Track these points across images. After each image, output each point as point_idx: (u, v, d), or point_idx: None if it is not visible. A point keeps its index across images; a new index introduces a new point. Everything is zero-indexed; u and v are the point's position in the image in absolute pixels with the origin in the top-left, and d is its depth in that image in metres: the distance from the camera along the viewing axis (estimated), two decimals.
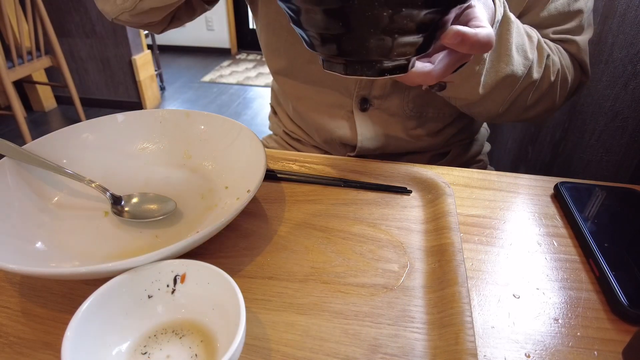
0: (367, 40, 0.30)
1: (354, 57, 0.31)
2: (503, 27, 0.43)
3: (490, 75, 0.45)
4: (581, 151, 0.77)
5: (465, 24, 0.35)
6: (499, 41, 0.44)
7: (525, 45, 0.46)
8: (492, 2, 0.41)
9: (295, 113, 0.67)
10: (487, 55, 0.43)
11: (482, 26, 0.35)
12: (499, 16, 0.42)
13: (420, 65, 0.38)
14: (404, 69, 0.33)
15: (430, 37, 0.31)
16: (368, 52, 0.30)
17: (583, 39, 0.54)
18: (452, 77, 0.43)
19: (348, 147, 0.64)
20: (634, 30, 0.64)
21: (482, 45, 0.34)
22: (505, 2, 0.44)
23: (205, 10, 0.61)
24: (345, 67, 0.32)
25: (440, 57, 0.38)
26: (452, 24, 0.34)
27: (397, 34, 0.29)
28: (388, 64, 0.32)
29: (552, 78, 0.50)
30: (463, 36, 0.33)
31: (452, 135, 0.64)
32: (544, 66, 0.49)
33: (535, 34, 0.49)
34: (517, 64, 0.46)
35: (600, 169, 0.72)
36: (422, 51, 0.32)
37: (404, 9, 0.27)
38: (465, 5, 0.32)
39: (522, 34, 0.46)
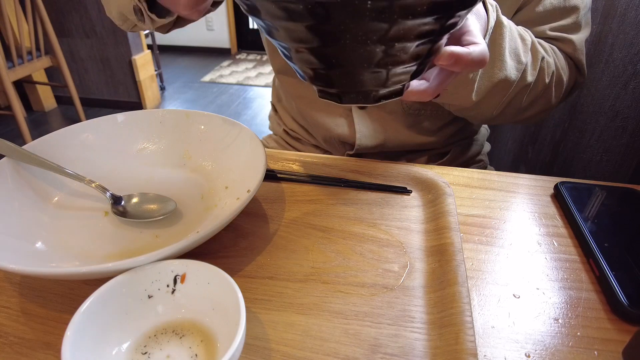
0: (361, 75, 0.29)
1: (349, 89, 0.31)
2: (496, 32, 0.43)
3: (483, 81, 0.45)
4: (581, 151, 0.77)
5: (459, 38, 0.36)
6: (492, 46, 0.44)
7: (519, 49, 0.46)
8: (484, 11, 0.41)
9: (296, 111, 0.68)
10: None
11: (476, 42, 0.35)
12: (491, 22, 0.42)
13: (416, 84, 0.38)
14: (399, 93, 0.33)
15: (424, 63, 0.31)
16: (362, 84, 0.30)
17: (579, 37, 0.54)
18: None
19: (347, 146, 0.64)
20: (634, 30, 0.64)
21: (477, 63, 0.34)
22: (498, 7, 0.44)
23: (209, 12, 0.61)
24: (341, 97, 0.32)
25: (434, 74, 0.39)
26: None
27: (391, 65, 0.29)
28: (383, 91, 0.31)
29: (547, 80, 0.50)
30: (457, 57, 0.33)
31: (452, 134, 0.64)
32: (538, 69, 0.49)
33: (529, 36, 0.49)
34: (510, 68, 0.46)
35: (600, 169, 0.72)
36: (417, 76, 0.32)
37: (397, 44, 0.27)
38: (457, 28, 0.31)
39: (515, 38, 0.46)
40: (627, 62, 0.65)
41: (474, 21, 0.37)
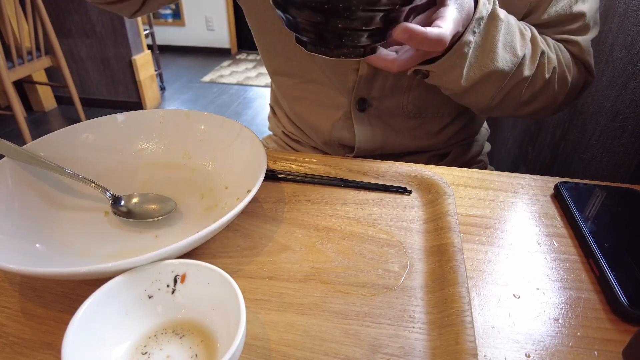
0: (318, 26, 0.35)
1: (314, 38, 0.36)
2: (490, 24, 0.44)
3: (474, 69, 0.46)
4: (581, 151, 0.77)
5: (432, 22, 0.38)
6: (485, 38, 0.44)
7: (515, 43, 0.47)
8: (470, 3, 0.41)
9: (294, 114, 0.67)
10: (469, 50, 0.43)
11: (439, 26, 0.37)
12: (483, 13, 0.42)
13: (385, 52, 0.41)
14: (359, 54, 0.37)
15: (381, 30, 0.36)
16: (322, 35, 0.36)
17: (585, 39, 0.54)
18: (433, 67, 0.44)
19: (347, 149, 0.64)
20: (634, 30, 0.64)
21: (432, 43, 0.36)
22: (496, 1, 0.44)
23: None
24: (309, 45, 0.38)
25: (406, 48, 0.41)
26: (419, 20, 0.39)
27: (344, 20, 0.33)
28: (343, 49, 0.37)
29: (547, 76, 0.50)
30: (410, 33, 0.36)
31: (452, 135, 0.63)
32: (537, 63, 0.49)
33: (529, 31, 0.49)
34: (503, 60, 0.46)
35: (600, 169, 0.72)
36: (377, 41, 0.37)
37: (340, 4, 0.32)
38: (413, 5, 0.35)
39: (512, 32, 0.46)
40: (627, 62, 0.65)
41: (453, 11, 0.39)
